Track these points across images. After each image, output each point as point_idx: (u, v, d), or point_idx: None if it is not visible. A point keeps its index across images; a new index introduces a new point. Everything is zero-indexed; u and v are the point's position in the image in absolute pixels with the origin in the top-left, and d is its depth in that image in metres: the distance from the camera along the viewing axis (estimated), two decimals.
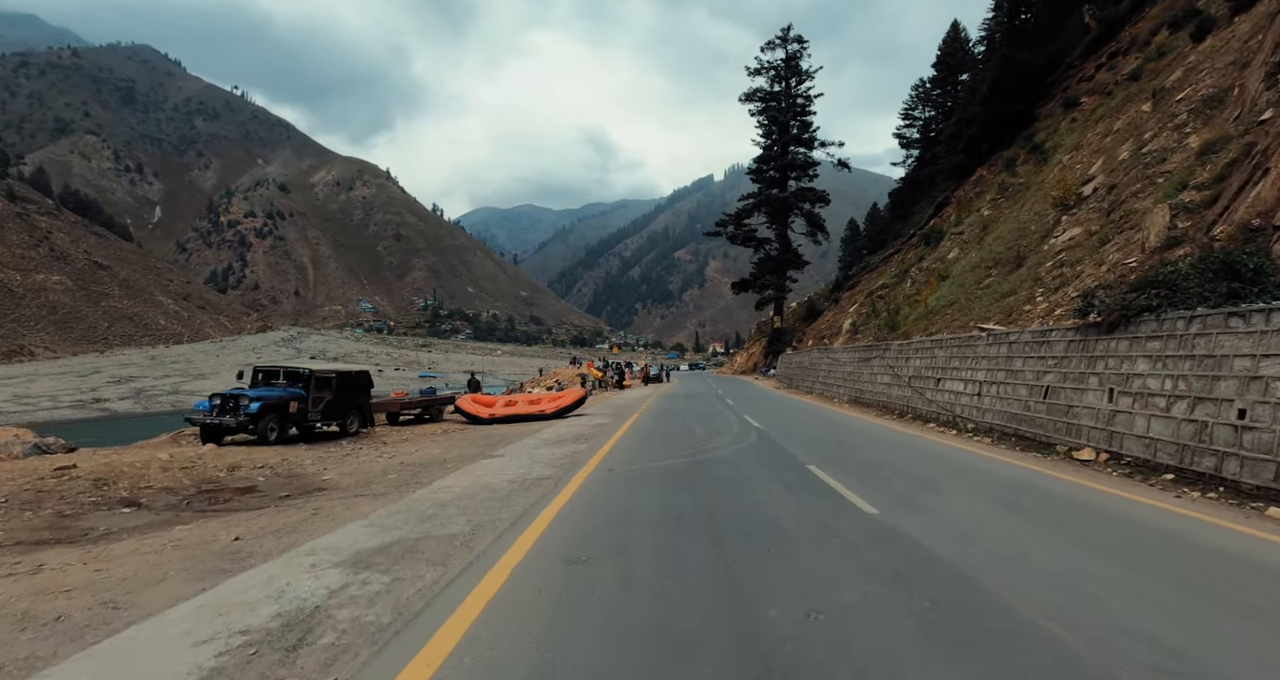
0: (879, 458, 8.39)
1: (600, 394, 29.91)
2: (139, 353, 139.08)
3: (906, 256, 30.05)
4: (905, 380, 14.79)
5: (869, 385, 17.20)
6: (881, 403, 16.04)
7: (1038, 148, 23.00)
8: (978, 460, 8.24)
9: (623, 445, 9.83)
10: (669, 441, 10.17)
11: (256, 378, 11.51)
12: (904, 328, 19.09)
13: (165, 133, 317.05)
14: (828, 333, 34.13)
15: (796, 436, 10.87)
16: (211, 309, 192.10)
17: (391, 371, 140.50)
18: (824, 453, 8.73)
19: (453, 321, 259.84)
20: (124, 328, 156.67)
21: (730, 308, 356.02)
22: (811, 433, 11.58)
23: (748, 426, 12.28)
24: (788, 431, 11.57)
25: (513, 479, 6.94)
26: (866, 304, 29.34)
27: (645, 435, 11.24)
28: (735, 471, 7.24)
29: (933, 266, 23.34)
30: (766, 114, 50.74)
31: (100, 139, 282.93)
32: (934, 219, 30.66)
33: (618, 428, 12.50)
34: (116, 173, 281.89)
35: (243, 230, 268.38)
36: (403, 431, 13.49)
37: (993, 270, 17.68)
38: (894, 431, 11.81)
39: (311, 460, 8.91)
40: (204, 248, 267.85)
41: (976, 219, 23.12)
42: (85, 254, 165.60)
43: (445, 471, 7.68)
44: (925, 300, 18.57)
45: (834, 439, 10.61)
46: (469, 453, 9.53)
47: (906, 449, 9.34)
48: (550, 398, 15.99)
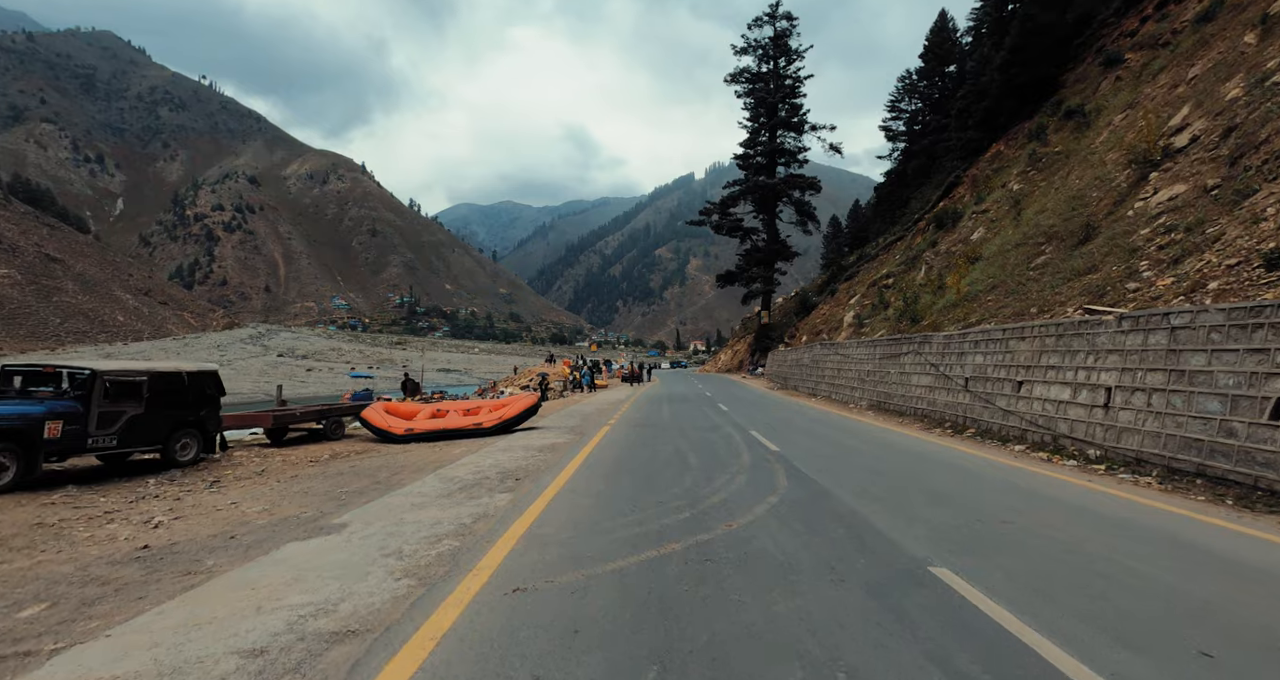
0: (1054, 540, 4.44)
1: (571, 396, 25.86)
2: (93, 350, 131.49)
3: (914, 242, 26.60)
4: (959, 383, 11.11)
5: (898, 387, 13.51)
6: (920, 411, 12.36)
7: (1074, 112, 19.63)
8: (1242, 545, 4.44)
9: (570, 495, 5.90)
10: (649, 487, 6.23)
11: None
12: (929, 318, 15.50)
13: (128, 122, 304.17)
14: (823, 327, 30.59)
15: (842, 472, 7.07)
16: (175, 305, 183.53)
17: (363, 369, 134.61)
18: (930, 519, 4.88)
19: (430, 319, 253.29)
20: (78, 324, 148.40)
21: (711, 306, 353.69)
22: (859, 463, 7.78)
23: (761, 451, 8.48)
24: (824, 461, 7.76)
25: (257, 646, 2.92)
26: (870, 295, 25.83)
27: (611, 471, 7.32)
28: (793, 603, 3.29)
29: (953, 250, 19.82)
30: (753, 96, 47.05)
31: (58, 127, 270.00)
32: (943, 201, 27.24)
33: (574, 454, 8.59)
34: (75, 163, 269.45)
35: (210, 224, 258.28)
36: (270, 457, 9.40)
37: (1045, 247, 14.18)
38: (982, 461, 8.03)
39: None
40: (169, 242, 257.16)
41: (1003, 195, 19.64)
42: (36, 246, 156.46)
43: (150, 596, 3.64)
44: (956, 286, 14.95)
45: (912, 480, 6.79)
46: (298, 514, 5.50)
47: (1053, 507, 5.54)
48: (492, 406, 12.01)
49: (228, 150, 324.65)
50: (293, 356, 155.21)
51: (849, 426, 11.82)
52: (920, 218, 28.74)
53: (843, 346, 18.52)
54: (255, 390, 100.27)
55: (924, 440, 9.95)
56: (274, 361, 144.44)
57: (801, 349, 26.70)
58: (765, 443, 9.24)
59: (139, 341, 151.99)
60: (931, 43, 52.52)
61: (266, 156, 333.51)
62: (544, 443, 9.69)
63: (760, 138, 47.26)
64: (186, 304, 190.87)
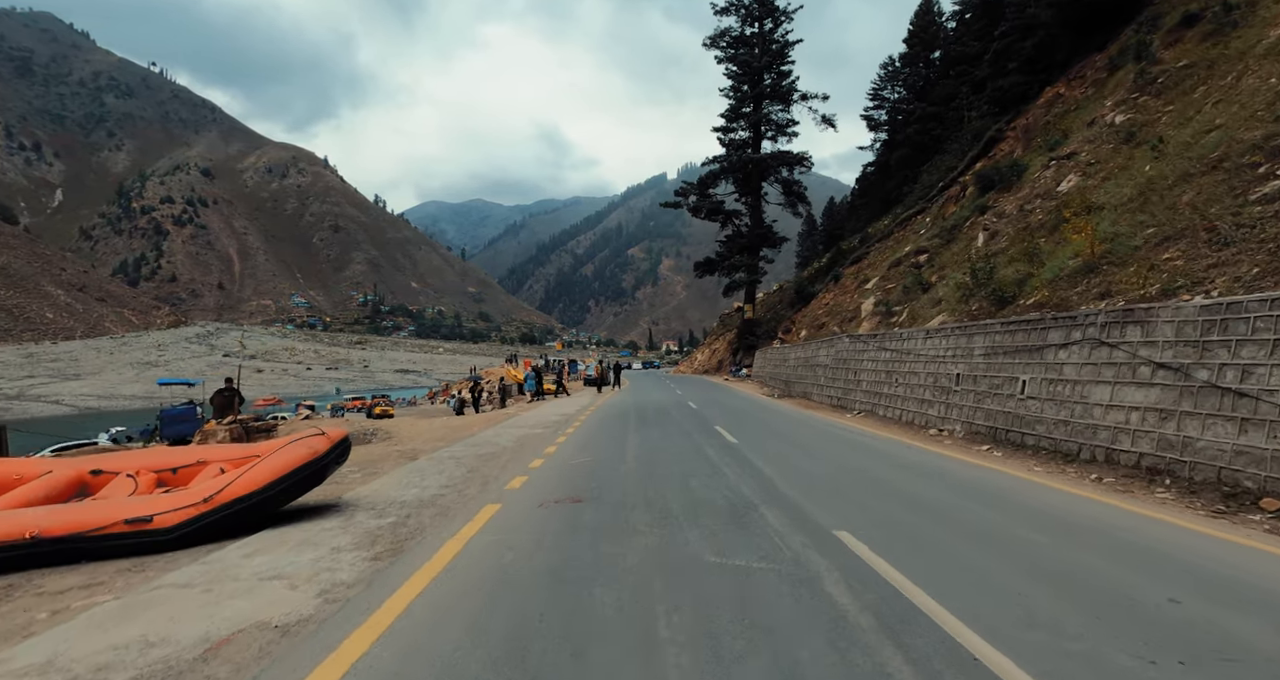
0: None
1: (508, 408, 20.09)
2: (14, 349, 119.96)
3: (944, 212, 21.65)
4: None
5: (1053, 407, 7.53)
6: (1137, 458, 6.60)
7: (1195, 17, 14.88)
8: None
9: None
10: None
11: None
12: (1036, 294, 10.31)
13: (69, 109, 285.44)
14: (828, 319, 25.47)
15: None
16: (114, 301, 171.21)
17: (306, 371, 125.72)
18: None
19: (395, 318, 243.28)
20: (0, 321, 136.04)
21: (684, 306, 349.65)
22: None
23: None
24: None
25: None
26: (896, 276, 20.79)
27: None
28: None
29: (1028, 207, 14.77)
30: (736, 62, 41.69)
31: None
32: (981, 161, 22.36)
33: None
34: (9, 151, 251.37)
35: (158, 217, 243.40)
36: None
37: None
38: None
39: None
40: (113, 235, 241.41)
41: (1101, 132, 14.68)
42: None
43: None
44: (1089, 243, 9.68)
45: None
46: None
47: None
48: (233, 458, 5.43)
49: (179, 141, 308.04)
50: (240, 356, 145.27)
51: (1027, 499, 6.18)
52: (946, 185, 23.82)
53: (894, 338, 13.00)
54: (178, 393, 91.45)
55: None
56: (216, 362, 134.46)
57: (808, 345, 21.41)
58: (925, 607, 3.51)
59: (70, 340, 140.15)
60: (916, 27, 48.82)
61: (222, 148, 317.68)
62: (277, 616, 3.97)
63: (744, 109, 41.94)
64: (128, 301, 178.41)
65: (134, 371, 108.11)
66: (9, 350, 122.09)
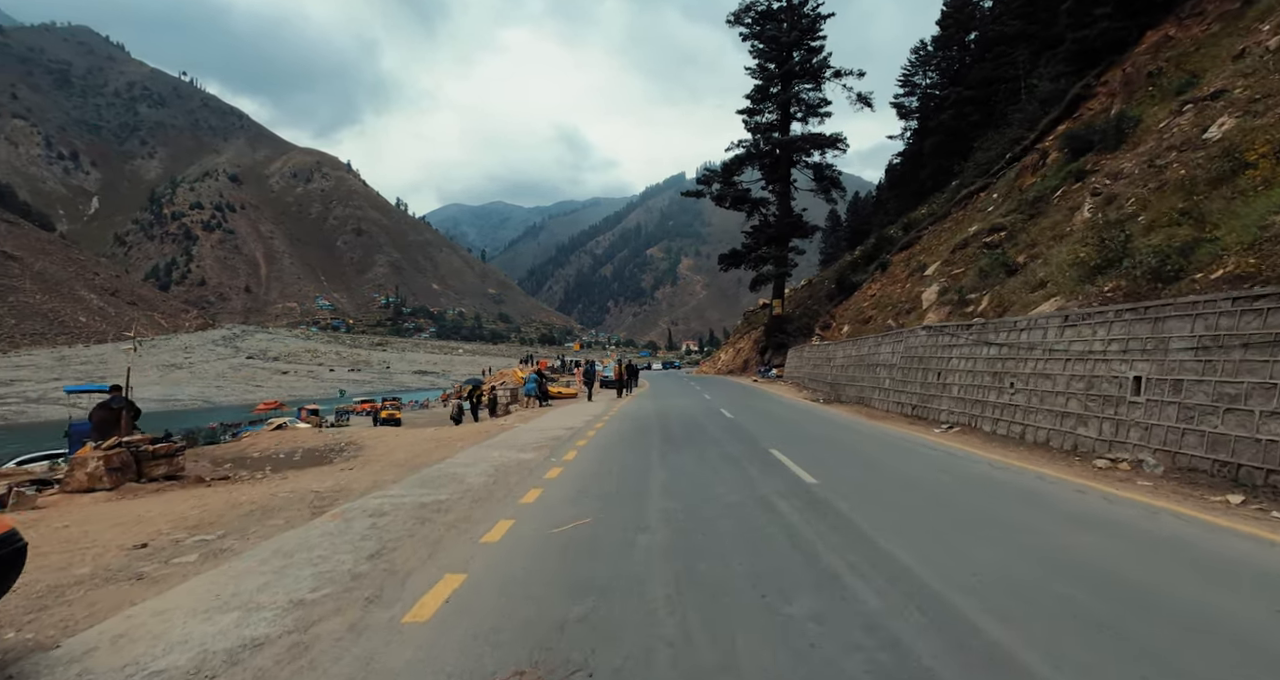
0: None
1: (513, 415, 17.34)
2: (48, 353, 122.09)
3: (1022, 183, 18.40)
4: None
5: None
6: None
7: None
8: None
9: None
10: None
11: None
12: (1221, 263, 7.26)
13: (104, 119, 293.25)
14: (874, 313, 22.32)
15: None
16: (144, 305, 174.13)
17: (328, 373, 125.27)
18: None
19: (416, 319, 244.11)
20: (35, 325, 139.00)
21: (703, 306, 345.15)
22: None
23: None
24: None
25: None
26: (963, 260, 17.65)
27: None
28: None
29: (1160, 162, 11.57)
30: (762, 38, 38.42)
31: (30, 123, 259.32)
32: (1063, 122, 19.03)
33: None
34: (48, 160, 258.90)
35: (188, 222, 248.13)
36: None
37: None
38: None
39: None
40: (145, 241, 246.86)
41: (1259, 62, 11.44)
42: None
43: None
44: None
45: None
46: None
47: None
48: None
49: (208, 148, 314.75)
50: (264, 358, 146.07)
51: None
52: (1016, 156, 20.48)
53: (1003, 328, 9.47)
54: (196, 396, 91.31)
55: None
56: (239, 364, 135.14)
57: (861, 342, 18.29)
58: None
59: (101, 344, 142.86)
60: (950, 7, 45.45)
61: (249, 154, 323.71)
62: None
63: (771, 89, 38.66)
64: (158, 304, 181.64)
65: (157, 373, 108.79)
66: (42, 353, 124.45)
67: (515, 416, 16.99)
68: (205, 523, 5.12)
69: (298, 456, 12.43)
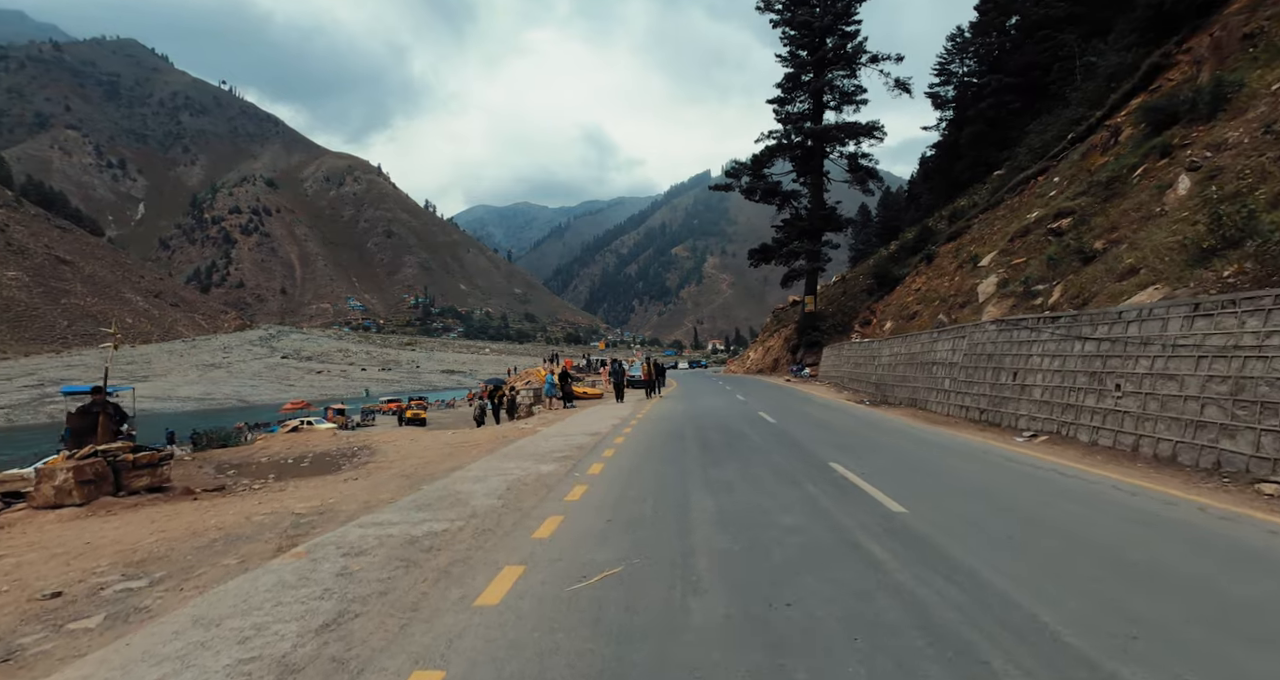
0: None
1: (535, 417, 16.33)
2: (96, 353, 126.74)
3: (1091, 164, 16.69)
4: None
5: None
6: None
7: None
8: None
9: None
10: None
11: None
12: None
13: (150, 128, 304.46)
14: (920, 308, 20.83)
15: None
16: (186, 307, 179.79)
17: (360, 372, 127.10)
18: None
19: (444, 319, 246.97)
20: (85, 326, 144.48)
21: (729, 304, 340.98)
22: None
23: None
24: None
25: None
26: (1024, 249, 16.13)
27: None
28: None
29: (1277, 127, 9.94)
30: (793, 24, 36.81)
31: (81, 134, 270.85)
32: (1132, 98, 17.23)
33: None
34: (98, 168, 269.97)
35: (227, 227, 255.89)
36: None
37: None
38: None
39: None
40: (187, 245, 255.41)
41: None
42: (45, 248, 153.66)
43: None
44: None
45: None
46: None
47: None
48: None
49: (246, 154, 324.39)
50: (298, 358, 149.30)
51: None
52: (1082, 135, 18.70)
53: (1102, 320, 7.71)
54: (232, 395, 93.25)
55: None
56: (274, 363, 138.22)
57: (911, 339, 16.81)
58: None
59: (146, 344, 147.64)
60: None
61: (284, 159, 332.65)
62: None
63: (803, 77, 37.05)
64: (199, 306, 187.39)
65: (197, 373, 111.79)
66: (91, 354, 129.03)
67: (537, 419, 16.05)
68: (153, 557, 4.19)
69: (305, 462, 11.69)
